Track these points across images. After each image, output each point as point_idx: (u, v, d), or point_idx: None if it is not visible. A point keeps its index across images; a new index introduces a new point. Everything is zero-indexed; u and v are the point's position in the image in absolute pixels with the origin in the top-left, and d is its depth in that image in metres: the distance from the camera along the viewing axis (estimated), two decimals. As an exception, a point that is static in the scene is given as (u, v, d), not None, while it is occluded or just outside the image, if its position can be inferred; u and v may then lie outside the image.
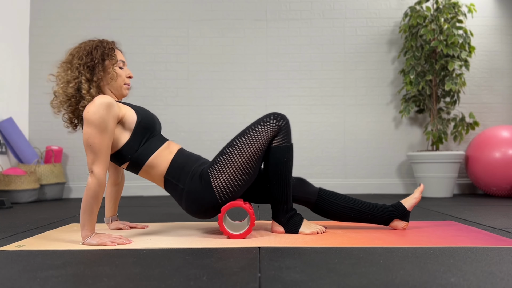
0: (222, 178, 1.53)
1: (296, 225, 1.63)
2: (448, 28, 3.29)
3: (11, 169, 3.06)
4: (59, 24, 3.68)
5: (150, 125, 1.57)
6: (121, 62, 1.60)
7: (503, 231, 1.66)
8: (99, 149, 1.43)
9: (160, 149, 1.56)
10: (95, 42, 1.57)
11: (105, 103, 1.44)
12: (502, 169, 3.15)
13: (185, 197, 1.55)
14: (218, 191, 1.53)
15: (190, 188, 1.54)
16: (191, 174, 1.55)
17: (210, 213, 1.58)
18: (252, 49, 3.75)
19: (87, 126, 1.42)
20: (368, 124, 3.73)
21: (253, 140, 1.55)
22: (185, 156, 1.60)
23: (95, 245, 1.41)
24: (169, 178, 1.56)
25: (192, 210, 1.57)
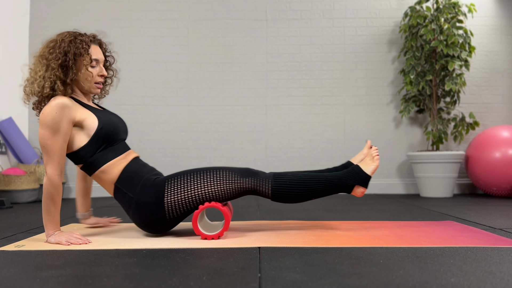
0: (177, 197, 1.51)
1: (361, 174, 1.60)
2: (448, 28, 3.29)
3: (11, 169, 3.06)
4: (59, 24, 3.68)
5: (110, 133, 1.55)
6: (94, 61, 1.57)
7: (503, 231, 1.66)
8: (52, 150, 1.44)
9: (116, 159, 1.55)
10: (69, 37, 1.53)
11: (59, 105, 1.45)
12: (502, 169, 3.15)
13: (134, 207, 1.52)
14: (169, 208, 1.51)
15: (140, 199, 1.51)
16: (142, 183, 1.53)
17: (155, 228, 1.55)
18: (252, 49, 3.75)
19: (41, 127, 1.45)
20: (368, 124, 3.73)
21: (224, 183, 1.54)
22: (138, 166, 1.59)
23: (53, 243, 1.43)
24: (119, 186, 1.54)
25: (138, 222, 1.54)
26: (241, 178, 1.55)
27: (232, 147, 3.70)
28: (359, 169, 1.63)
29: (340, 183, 1.60)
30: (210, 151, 3.70)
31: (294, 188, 1.56)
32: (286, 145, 3.71)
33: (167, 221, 1.53)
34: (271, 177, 1.57)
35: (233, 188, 1.54)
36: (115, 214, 2.31)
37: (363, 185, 1.62)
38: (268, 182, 1.56)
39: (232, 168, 1.58)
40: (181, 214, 1.53)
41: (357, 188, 1.62)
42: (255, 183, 1.55)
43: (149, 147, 3.68)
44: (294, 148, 3.71)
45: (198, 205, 1.54)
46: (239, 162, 3.68)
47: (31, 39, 3.67)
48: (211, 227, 1.64)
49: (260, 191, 1.56)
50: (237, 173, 1.55)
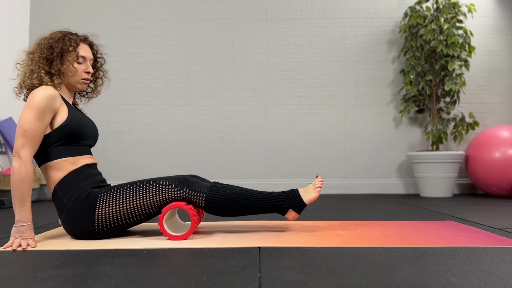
0: (108, 210, 1.50)
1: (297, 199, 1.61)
2: (448, 28, 3.29)
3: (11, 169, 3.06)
4: (59, 24, 3.68)
5: (73, 133, 1.55)
6: (81, 58, 1.61)
7: (503, 231, 1.66)
8: (33, 136, 1.46)
9: (66, 158, 1.54)
10: (59, 35, 1.61)
11: (49, 95, 1.49)
12: (502, 169, 3.15)
13: (65, 214, 1.51)
14: (98, 221, 1.50)
15: (72, 207, 1.50)
16: (78, 192, 1.51)
17: (85, 238, 1.53)
18: (252, 49, 3.75)
19: (27, 111, 1.46)
20: (368, 124, 3.73)
21: (157, 194, 1.53)
22: (85, 174, 1.57)
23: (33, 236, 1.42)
24: (57, 189, 1.53)
25: (68, 230, 1.53)
26: (176, 187, 1.54)
27: (232, 147, 3.70)
28: (296, 194, 1.63)
29: (274, 203, 1.60)
30: (210, 151, 3.70)
31: (227, 202, 1.56)
32: (286, 145, 3.71)
33: (96, 234, 1.51)
34: (207, 188, 1.56)
35: (166, 198, 1.53)
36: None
37: (296, 210, 1.63)
38: (203, 194, 1.55)
39: (169, 178, 1.57)
40: (111, 228, 1.51)
41: (290, 212, 1.63)
42: (189, 193, 1.54)
43: (149, 147, 3.68)
44: (294, 148, 3.71)
45: (130, 219, 1.52)
46: (239, 162, 3.68)
47: (31, 39, 3.67)
48: (182, 227, 1.63)
49: (193, 201, 1.55)
50: (173, 182, 1.55)
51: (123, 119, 3.68)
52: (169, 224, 1.56)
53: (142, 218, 1.55)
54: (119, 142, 3.67)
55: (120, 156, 3.67)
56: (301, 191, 1.64)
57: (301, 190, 1.65)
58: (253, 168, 3.69)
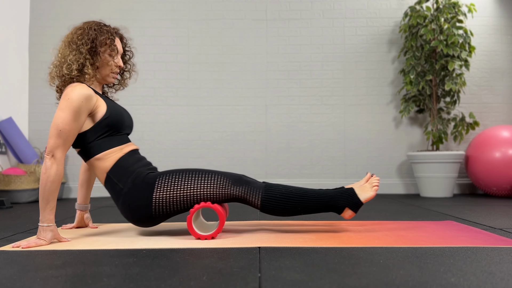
0: (166, 195, 1.51)
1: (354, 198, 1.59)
2: (448, 28, 3.29)
3: (11, 169, 3.06)
4: (59, 24, 3.68)
5: (115, 124, 1.58)
6: (116, 52, 1.63)
7: (503, 231, 1.66)
8: (67, 135, 1.46)
9: (113, 148, 1.57)
10: (96, 27, 1.61)
11: (86, 95, 1.49)
12: (502, 169, 3.15)
13: (122, 198, 1.53)
14: (156, 205, 1.51)
15: (129, 191, 1.52)
16: (134, 175, 1.54)
17: (142, 222, 1.55)
18: (252, 49, 3.75)
19: (63, 111, 1.46)
20: (368, 124, 3.73)
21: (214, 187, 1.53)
22: (134, 158, 1.60)
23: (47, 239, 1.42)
24: (110, 175, 1.55)
25: (126, 214, 1.55)
26: (232, 185, 1.54)
27: (232, 147, 3.70)
28: (353, 192, 1.61)
29: (331, 202, 1.59)
30: (210, 151, 3.70)
31: (284, 202, 1.55)
32: (286, 145, 3.71)
33: (153, 217, 1.53)
34: (262, 187, 1.56)
35: (222, 194, 1.54)
36: (113, 214, 2.31)
37: (353, 209, 1.61)
38: (259, 193, 1.55)
39: (225, 173, 1.57)
40: (167, 212, 1.54)
41: (347, 211, 1.61)
42: (245, 192, 1.55)
43: (149, 147, 3.68)
44: (294, 148, 3.71)
45: (185, 205, 1.54)
46: (239, 162, 3.68)
47: (31, 39, 3.67)
48: (206, 227, 1.64)
49: (249, 201, 1.55)
50: (229, 179, 1.55)
51: (123, 119, 3.68)
52: (196, 224, 1.57)
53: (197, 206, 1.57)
54: (119, 142, 3.67)
55: (120, 156, 3.67)
56: (357, 189, 1.62)
57: (356, 188, 1.62)
58: (253, 168, 3.69)
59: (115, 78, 1.68)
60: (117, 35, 1.68)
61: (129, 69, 1.81)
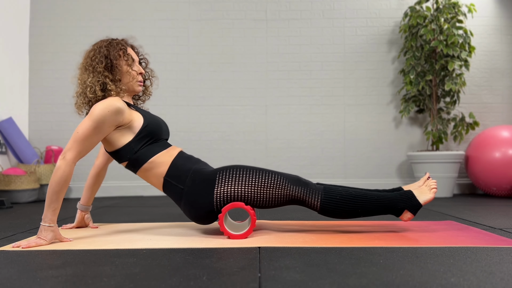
0: (227, 189, 1.53)
1: (413, 200, 1.59)
2: (448, 28, 3.29)
3: (11, 169, 3.06)
4: (59, 24, 3.68)
5: (155, 131, 1.60)
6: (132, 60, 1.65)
7: (503, 231, 1.66)
8: (83, 140, 1.47)
9: (160, 153, 1.58)
10: (106, 44, 1.63)
11: (114, 106, 1.50)
12: (502, 169, 3.15)
13: (185, 198, 1.55)
14: (217, 199, 1.53)
15: (190, 189, 1.54)
16: (191, 173, 1.55)
17: (205, 219, 1.57)
18: (252, 49, 3.75)
19: (88, 118, 1.49)
20: (368, 124, 3.73)
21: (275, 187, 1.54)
22: (184, 158, 1.61)
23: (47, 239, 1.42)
24: (168, 179, 1.56)
25: (189, 213, 1.57)
26: (291, 185, 1.55)
27: (232, 147, 3.70)
28: (412, 194, 1.61)
29: (390, 204, 1.59)
30: (210, 151, 3.70)
31: (344, 204, 1.56)
32: (286, 145, 3.71)
33: (215, 212, 1.55)
34: (322, 189, 1.57)
35: (282, 195, 1.54)
36: (113, 214, 2.31)
37: (412, 211, 1.61)
38: (318, 195, 1.56)
39: (283, 174, 1.58)
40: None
41: (406, 213, 1.61)
42: (305, 193, 1.55)
43: (149, 147, 3.67)
44: (294, 148, 3.71)
45: (245, 201, 1.55)
46: (239, 162, 3.68)
47: (31, 39, 3.67)
48: (234, 226, 1.65)
49: (308, 202, 1.56)
50: (288, 180, 1.56)
51: (123, 119, 3.68)
52: (227, 224, 1.57)
53: (254, 204, 1.57)
54: (119, 142, 3.67)
55: (120, 156, 3.67)
56: (415, 192, 1.62)
57: (414, 190, 1.63)
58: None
59: (141, 85, 1.70)
60: (128, 45, 1.71)
61: (149, 77, 1.82)
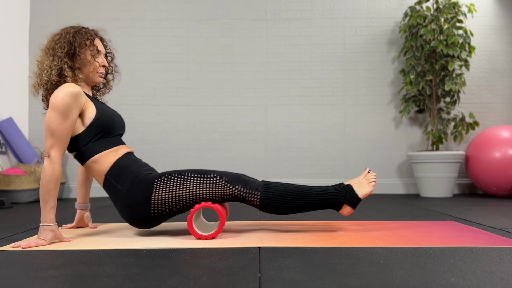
0: (165, 195, 1.51)
1: (352, 194, 1.60)
2: (448, 28, 3.29)
3: (11, 169, 3.06)
4: (59, 24, 3.67)
5: (106, 125, 1.58)
6: (97, 51, 1.63)
7: (503, 231, 1.66)
8: (61, 135, 1.47)
9: (107, 150, 1.57)
10: (74, 30, 1.62)
11: (73, 92, 1.49)
12: (502, 169, 3.15)
13: (121, 200, 1.53)
14: (155, 205, 1.51)
15: (128, 192, 1.52)
16: (132, 176, 1.54)
17: (140, 224, 1.56)
18: (252, 49, 3.75)
19: (52, 111, 1.47)
20: (368, 124, 3.73)
21: (213, 187, 1.53)
22: (130, 160, 1.60)
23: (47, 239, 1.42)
24: (109, 177, 1.55)
25: (125, 215, 1.55)
26: (231, 184, 1.55)
27: (232, 147, 3.70)
28: (351, 188, 1.61)
29: (329, 198, 1.59)
30: (210, 151, 3.70)
31: (283, 200, 1.56)
32: (286, 145, 3.71)
33: (152, 218, 1.54)
34: (261, 186, 1.57)
35: (221, 193, 1.54)
36: (113, 214, 2.31)
37: (351, 205, 1.61)
38: (258, 191, 1.55)
39: (223, 173, 1.58)
40: (166, 212, 1.54)
41: (345, 207, 1.62)
42: (244, 190, 1.55)
43: (149, 147, 3.68)
44: (294, 148, 3.71)
45: (185, 206, 1.54)
46: (239, 162, 3.68)
47: (31, 39, 3.67)
48: (207, 227, 1.64)
49: (248, 200, 1.56)
50: (228, 179, 1.55)
51: (123, 119, 3.68)
52: (196, 224, 1.57)
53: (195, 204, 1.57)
54: (119, 142, 3.67)
55: (120, 156, 3.67)
56: (354, 186, 1.62)
57: (354, 184, 1.63)
58: (253, 168, 3.69)
59: (102, 77, 1.68)
60: (97, 36, 1.69)
61: (112, 71, 1.81)
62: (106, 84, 1.80)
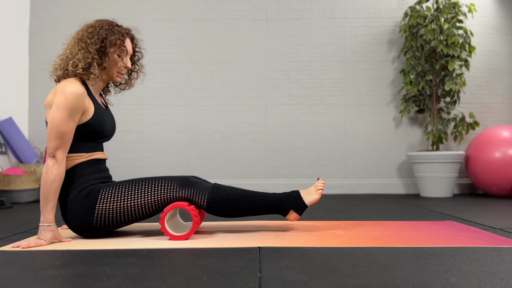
0: (108, 206, 1.50)
1: (299, 201, 1.62)
2: (448, 28, 3.29)
3: (11, 169, 3.06)
4: (59, 24, 3.68)
5: (94, 132, 1.56)
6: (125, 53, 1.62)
7: (503, 231, 1.66)
8: (69, 137, 1.47)
9: (81, 153, 1.54)
10: (108, 26, 1.59)
11: (81, 94, 1.48)
12: (502, 169, 3.15)
13: (67, 205, 1.51)
14: (98, 215, 1.50)
15: (74, 199, 1.50)
16: (83, 185, 1.52)
17: (81, 232, 1.54)
18: (252, 49, 3.75)
19: (60, 112, 1.45)
20: (368, 124, 3.73)
21: (159, 193, 1.53)
22: (93, 168, 1.57)
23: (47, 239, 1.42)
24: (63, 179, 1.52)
25: (68, 223, 1.53)
26: (178, 187, 1.54)
27: (232, 147, 3.70)
28: (298, 195, 1.64)
29: (276, 204, 1.61)
30: (210, 151, 3.70)
31: (229, 203, 1.57)
32: (286, 145, 3.71)
33: (93, 229, 1.52)
34: (209, 188, 1.57)
35: (167, 198, 1.54)
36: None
37: (297, 211, 1.64)
38: (205, 194, 1.56)
39: (171, 177, 1.57)
40: (109, 224, 1.52)
41: (292, 213, 1.64)
42: (192, 193, 1.55)
43: (149, 147, 3.68)
44: (294, 148, 3.71)
45: (130, 216, 1.53)
46: (239, 162, 3.68)
47: (31, 39, 3.67)
48: (183, 227, 1.64)
49: (195, 202, 1.56)
50: (175, 182, 1.55)
51: (123, 119, 3.68)
52: (170, 224, 1.56)
53: (142, 216, 1.55)
54: (119, 142, 3.67)
55: (120, 156, 3.67)
56: (302, 193, 1.65)
57: (302, 191, 1.66)
58: (253, 168, 3.69)
59: (121, 78, 1.67)
60: (128, 36, 1.67)
61: (137, 70, 1.79)
62: (128, 82, 1.78)
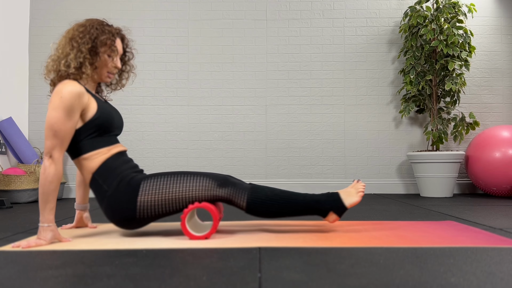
0: (150, 198, 1.51)
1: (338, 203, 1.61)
2: (448, 28, 3.29)
3: (11, 169, 3.06)
4: (59, 24, 3.68)
5: (104, 125, 1.57)
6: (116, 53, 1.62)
7: (503, 231, 1.66)
8: (64, 136, 1.46)
9: (100, 149, 1.56)
10: (99, 26, 1.60)
11: (77, 93, 1.48)
12: (502, 169, 3.15)
13: (107, 201, 1.53)
14: (140, 208, 1.51)
15: (114, 193, 1.51)
16: (119, 178, 1.53)
17: (125, 225, 1.55)
18: (252, 49, 3.75)
19: (55, 111, 1.45)
20: (368, 124, 3.73)
21: (200, 190, 1.54)
22: (120, 160, 1.59)
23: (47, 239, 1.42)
24: (96, 177, 1.54)
25: (109, 215, 1.55)
26: (217, 187, 1.55)
27: (232, 147, 3.70)
28: (338, 197, 1.62)
29: (316, 205, 1.60)
30: (210, 151, 3.70)
31: (270, 204, 1.56)
32: (286, 145, 3.71)
33: (136, 220, 1.53)
34: (248, 189, 1.57)
35: (208, 196, 1.54)
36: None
37: (337, 213, 1.62)
38: (244, 194, 1.56)
39: (210, 175, 1.58)
40: (151, 215, 1.54)
41: (331, 215, 1.62)
42: (231, 193, 1.55)
43: (149, 147, 3.68)
44: (294, 148, 3.71)
45: (171, 209, 1.54)
46: (239, 162, 3.68)
47: (31, 39, 3.67)
48: (201, 227, 1.64)
49: (235, 202, 1.56)
50: (215, 181, 1.56)
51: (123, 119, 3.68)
52: (190, 224, 1.57)
53: (181, 209, 1.56)
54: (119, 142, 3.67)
55: (120, 156, 3.67)
56: (342, 194, 1.63)
57: (342, 193, 1.64)
58: (253, 168, 3.69)
59: (111, 78, 1.67)
60: (119, 36, 1.67)
61: (128, 70, 1.79)
62: (119, 82, 1.78)
